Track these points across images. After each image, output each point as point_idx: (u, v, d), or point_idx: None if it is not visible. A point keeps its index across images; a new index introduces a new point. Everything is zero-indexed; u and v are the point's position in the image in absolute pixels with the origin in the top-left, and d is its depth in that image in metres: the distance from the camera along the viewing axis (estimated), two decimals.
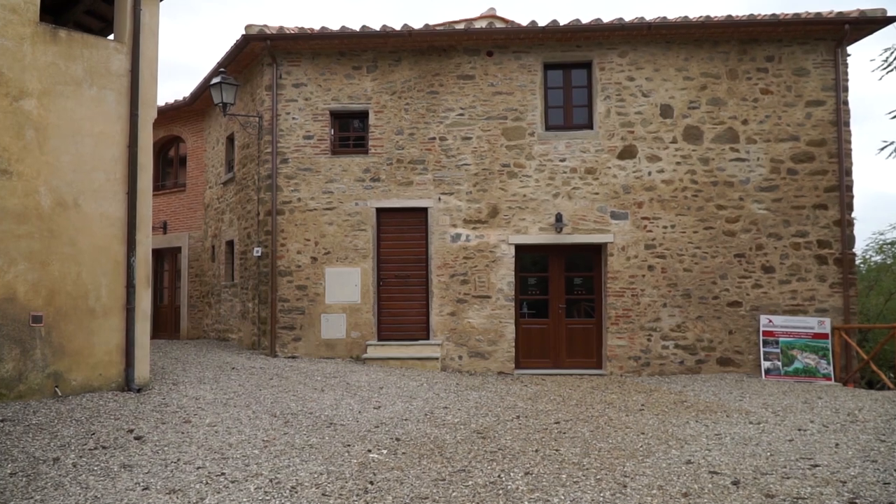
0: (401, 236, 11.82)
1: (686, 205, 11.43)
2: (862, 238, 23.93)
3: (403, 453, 5.72)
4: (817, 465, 5.37)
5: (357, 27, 11.57)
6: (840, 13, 11.22)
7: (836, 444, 6.12)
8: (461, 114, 11.72)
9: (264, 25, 11.73)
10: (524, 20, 12.80)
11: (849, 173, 11.33)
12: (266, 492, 4.63)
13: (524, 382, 10.28)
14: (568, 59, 11.74)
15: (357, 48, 11.84)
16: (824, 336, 10.94)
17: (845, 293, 11.19)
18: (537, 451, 5.86)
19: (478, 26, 12.03)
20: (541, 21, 11.83)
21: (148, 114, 8.64)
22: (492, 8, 15.49)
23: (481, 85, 11.73)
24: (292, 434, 6.28)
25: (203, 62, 57.36)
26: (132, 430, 6.18)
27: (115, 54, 8.35)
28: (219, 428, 6.40)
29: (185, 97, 15.10)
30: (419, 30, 11.47)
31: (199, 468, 5.12)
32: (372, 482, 4.87)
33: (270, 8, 61.03)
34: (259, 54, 12.15)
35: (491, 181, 11.62)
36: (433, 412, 7.55)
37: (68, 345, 7.70)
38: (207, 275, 15.36)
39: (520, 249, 11.65)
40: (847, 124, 11.37)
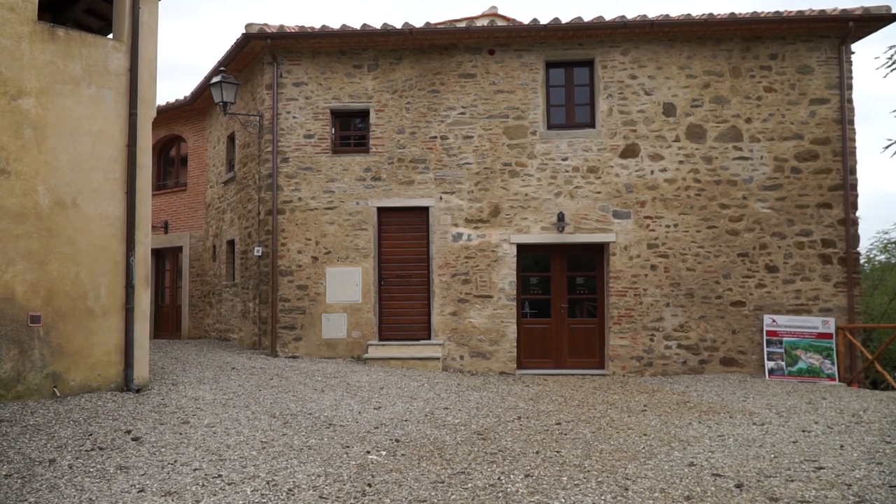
0: (402, 236, 11.76)
1: (689, 204, 11.36)
2: (866, 237, 23.84)
3: (403, 455, 5.67)
4: (822, 468, 5.29)
5: (358, 26, 11.51)
6: (844, 10, 11.14)
7: (841, 446, 6.05)
8: (462, 112, 11.65)
9: (264, 24, 11.68)
10: (526, 18, 12.72)
11: (853, 172, 11.24)
12: (262, 494, 4.57)
13: (526, 383, 10.22)
14: (570, 58, 11.67)
15: (358, 47, 11.78)
16: (828, 336, 10.85)
17: (849, 293, 11.10)
18: (538, 453, 5.80)
19: (479, 25, 11.96)
20: (543, 19, 11.77)
21: (147, 113, 8.60)
22: (493, 6, 15.42)
23: (483, 83, 11.66)
24: (291, 435, 6.23)
25: (205, 62, 57.45)
26: (130, 431, 6.14)
27: (114, 53, 8.31)
28: (217, 429, 6.36)
29: (186, 96, 15.07)
30: (420, 28, 11.40)
31: (196, 470, 5.07)
32: (370, 484, 4.81)
33: (272, 7, 61.04)
34: (259, 53, 12.10)
35: (492, 180, 11.55)
36: (433, 413, 7.49)
37: (67, 345, 7.66)
38: (208, 274, 15.33)
39: (521, 249, 11.59)
40: (851, 122, 11.29)
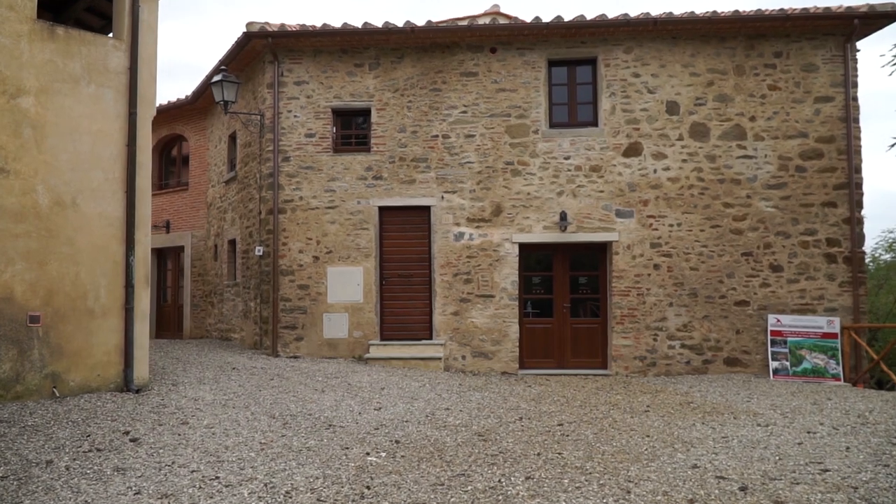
0: (403, 235, 11.70)
1: (692, 203, 11.27)
2: (871, 236, 23.70)
3: (402, 456, 5.61)
4: (827, 470, 5.22)
5: (359, 24, 11.45)
6: (849, 8, 11.05)
7: (847, 448, 5.97)
8: (464, 111, 11.58)
9: (265, 23, 11.63)
10: (528, 17, 12.66)
11: (858, 170, 11.15)
12: (260, 497, 4.52)
13: (528, 383, 10.16)
14: (572, 56, 11.60)
15: (359, 45, 11.72)
16: (833, 336, 10.76)
17: (855, 292, 11.01)
18: (539, 455, 5.73)
19: (481, 23, 11.90)
20: (545, 17, 11.73)
21: (147, 112, 8.56)
22: (495, 4, 15.34)
23: (485, 82, 11.59)
24: (290, 436, 6.18)
25: (207, 61, 57.49)
26: (128, 432, 6.09)
27: (114, 52, 8.27)
28: (216, 430, 6.31)
29: (188, 95, 15.03)
30: (422, 26, 11.34)
31: (194, 472, 5.02)
32: (369, 487, 4.76)
33: (274, 7, 61.03)
34: (260, 52, 12.06)
35: (494, 179, 11.49)
36: (434, 413, 7.44)
37: (66, 345, 7.63)
38: (210, 274, 15.29)
39: (524, 248, 11.52)
40: (857, 121, 11.19)
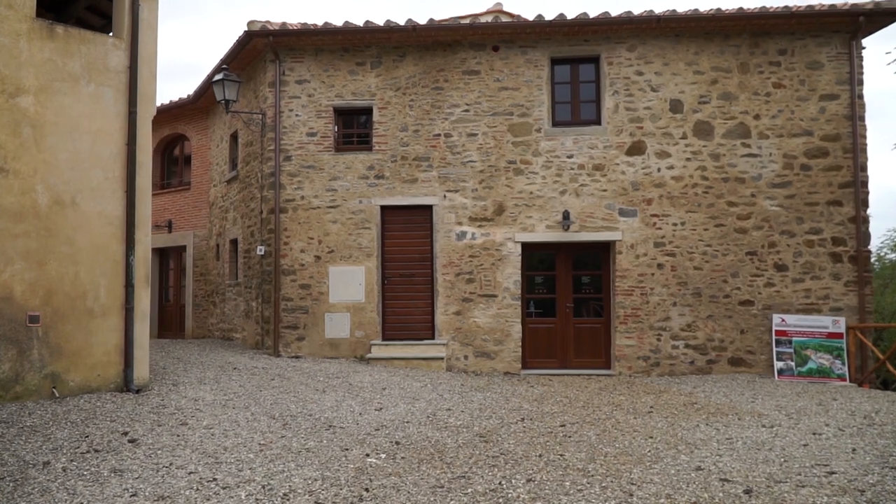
0: (405, 234, 11.64)
1: (696, 201, 11.19)
2: (877, 235, 23.58)
3: (403, 458, 5.55)
4: (834, 473, 5.14)
5: (361, 23, 11.39)
6: (855, 5, 10.95)
7: (853, 450, 5.89)
8: (466, 110, 11.52)
9: (267, 21, 11.58)
10: (530, 15, 12.59)
11: (864, 169, 11.06)
12: (257, 499, 4.46)
13: (530, 383, 10.09)
14: (575, 54, 11.52)
15: (361, 44, 11.66)
16: (839, 335, 10.67)
17: (860, 291, 10.91)
18: (541, 457, 5.66)
19: (483, 21, 11.83)
20: (547, 15, 11.66)
21: (147, 111, 8.51)
22: (498, 3, 15.27)
23: (487, 80, 11.52)
24: (290, 437, 6.13)
25: (210, 61, 57.49)
26: (127, 433, 6.05)
27: (114, 50, 8.23)
28: (215, 430, 6.26)
29: (189, 95, 15.00)
30: (424, 25, 11.28)
31: (191, 473, 4.97)
32: (368, 489, 4.70)
33: (276, 6, 61.03)
34: (262, 51, 12.01)
35: (497, 178, 11.42)
36: (436, 414, 7.38)
37: (66, 345, 7.59)
38: (212, 274, 15.26)
39: (526, 248, 11.45)
40: (862, 119, 11.10)
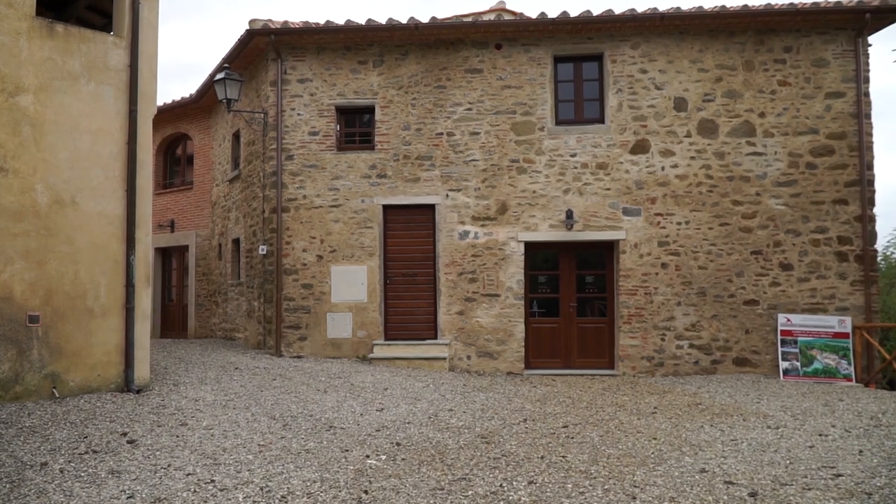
0: (408, 234, 11.58)
1: (701, 200, 11.10)
2: (883, 234, 23.40)
3: (403, 459, 5.49)
4: (840, 475, 5.06)
5: (363, 21, 11.34)
6: (860, 2, 10.81)
7: (860, 451, 5.81)
8: (469, 108, 11.45)
9: (268, 20, 11.54)
10: (533, 13, 12.50)
11: (870, 167, 10.95)
12: (255, 501, 4.41)
13: (533, 383, 10.02)
14: (579, 52, 11.43)
15: (363, 42, 11.61)
16: (845, 335, 10.56)
17: (867, 291, 10.81)
18: (543, 458, 5.60)
19: (486, 19, 11.76)
20: (550, 13, 11.56)
21: (147, 109, 8.48)
22: (501, 1, 15.21)
23: (490, 79, 11.45)
24: (290, 438, 6.08)
25: (213, 61, 57.54)
26: (126, 434, 6.01)
27: (114, 49, 8.20)
28: (215, 431, 6.22)
29: (192, 94, 14.97)
30: (426, 23, 11.21)
31: (189, 475, 4.92)
32: (367, 491, 4.64)
33: (279, 5, 61.06)
34: (264, 49, 11.97)
35: (500, 177, 11.35)
36: (437, 415, 7.32)
37: (66, 345, 7.56)
38: (214, 273, 15.23)
39: (529, 247, 11.38)
40: (868, 116, 10.99)
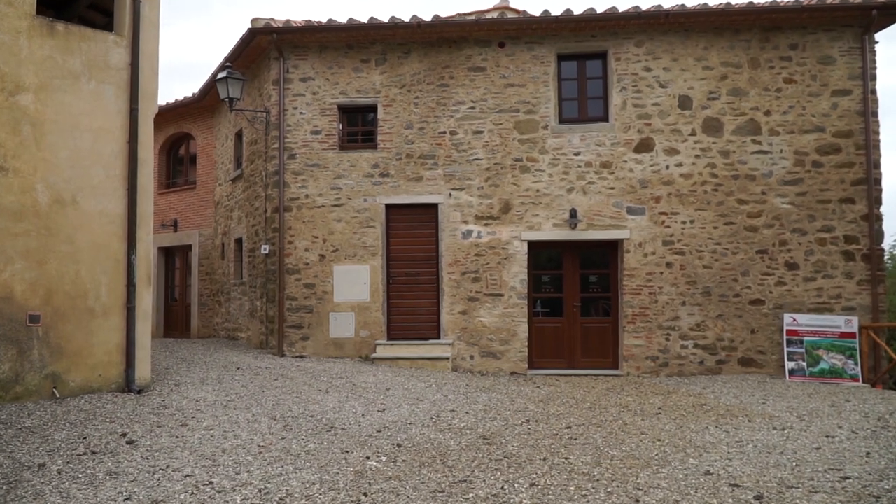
0: (411, 233, 11.53)
1: (706, 199, 11.01)
2: (890, 233, 23.26)
3: (404, 461, 5.43)
4: (847, 478, 4.98)
5: (365, 20, 11.29)
6: None
7: (868, 453, 5.73)
8: (472, 107, 11.39)
9: (270, 19, 11.51)
10: (537, 11, 12.43)
11: (877, 166, 10.84)
12: None
13: (537, 383, 9.95)
14: (582, 50, 11.35)
15: (365, 41, 11.56)
16: (851, 335, 10.46)
17: (873, 290, 10.70)
18: (545, 460, 5.53)
19: (489, 17, 11.69)
20: (554, 11, 11.49)
21: (148, 108, 8.44)
22: None
23: (493, 77, 11.39)
24: (290, 439, 6.03)
25: (217, 61, 57.58)
26: (125, 434, 5.97)
27: (115, 48, 8.16)
28: (215, 432, 6.17)
29: (195, 93, 14.95)
30: (429, 21, 11.16)
31: (187, 476, 4.88)
32: (366, 494, 4.58)
33: (283, 4, 61.05)
34: (266, 48, 11.93)
35: (503, 176, 11.28)
36: (439, 416, 7.26)
37: (67, 345, 7.53)
38: (217, 273, 15.21)
39: (533, 246, 11.31)
40: (875, 114, 10.87)
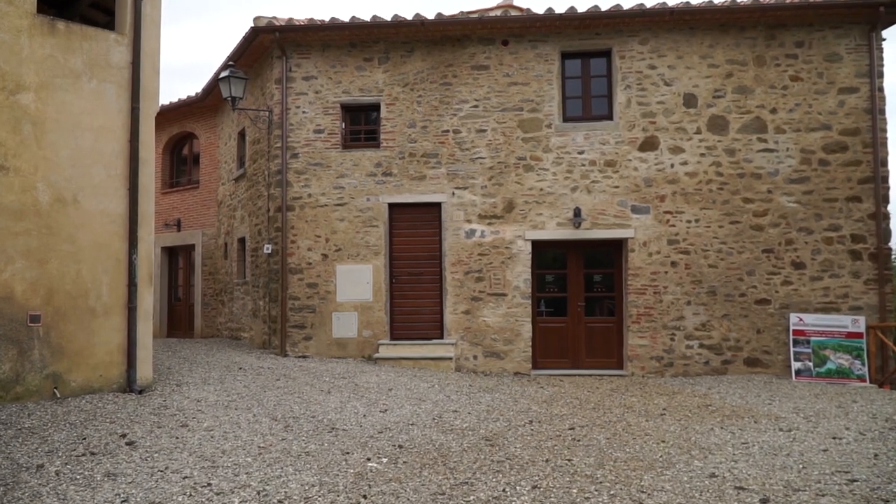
0: (414, 232, 11.47)
1: (711, 198, 10.92)
2: None
3: (404, 462, 5.37)
4: (855, 480, 4.90)
5: (368, 18, 11.24)
6: None
7: (875, 455, 5.64)
8: (475, 105, 11.32)
9: (273, 17, 11.47)
10: (540, 8, 12.35)
11: (884, 164, 10.74)
12: None
13: (540, 384, 9.88)
14: (586, 48, 11.28)
15: (368, 39, 11.50)
16: (858, 335, 10.36)
17: (881, 290, 10.59)
18: (548, 461, 5.47)
19: (492, 15, 11.62)
20: (557, 8, 11.43)
21: (150, 107, 8.41)
22: None
23: (496, 75, 11.32)
24: (290, 440, 5.98)
25: (221, 60, 57.64)
26: (125, 435, 5.93)
27: (116, 46, 8.13)
28: (215, 433, 6.13)
29: (198, 93, 14.92)
30: (432, 19, 11.10)
31: (186, 478, 4.83)
32: (366, 496, 4.52)
33: (286, 4, 61.07)
34: (268, 47, 11.89)
35: (506, 175, 11.22)
36: (442, 416, 7.20)
37: (68, 345, 7.50)
38: (220, 272, 15.18)
39: (537, 245, 11.24)
40: (882, 112, 10.77)
